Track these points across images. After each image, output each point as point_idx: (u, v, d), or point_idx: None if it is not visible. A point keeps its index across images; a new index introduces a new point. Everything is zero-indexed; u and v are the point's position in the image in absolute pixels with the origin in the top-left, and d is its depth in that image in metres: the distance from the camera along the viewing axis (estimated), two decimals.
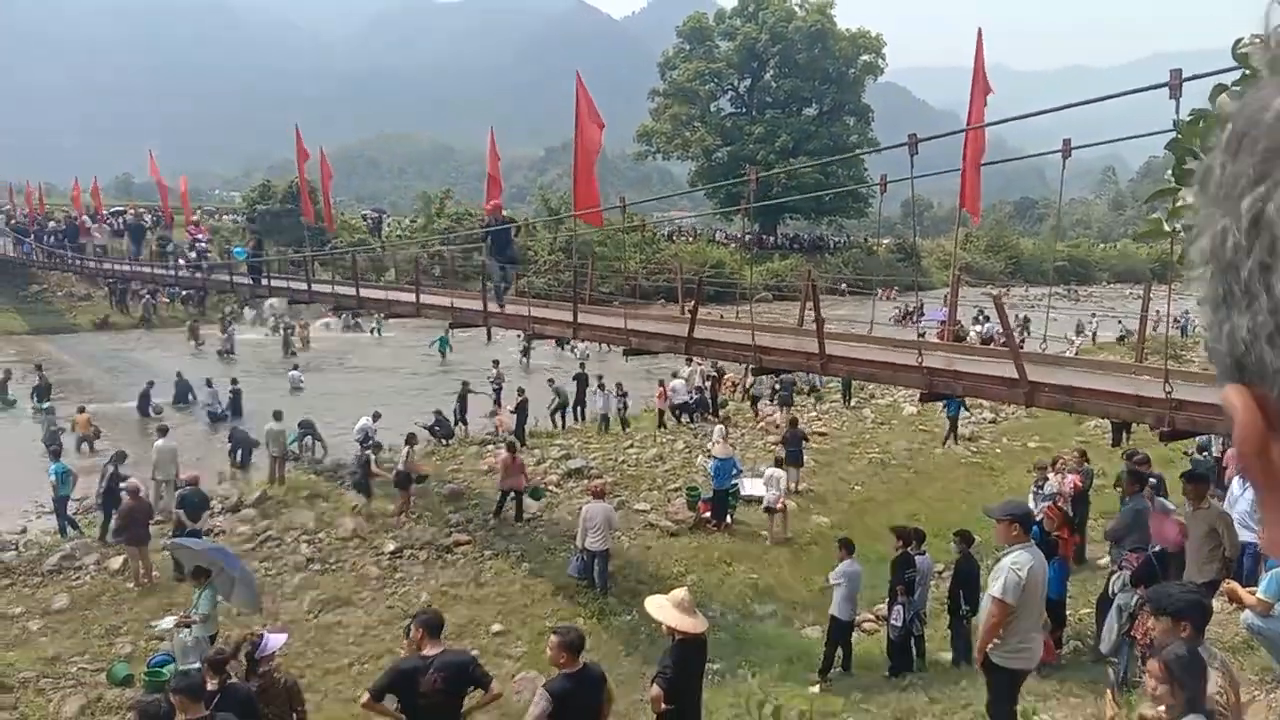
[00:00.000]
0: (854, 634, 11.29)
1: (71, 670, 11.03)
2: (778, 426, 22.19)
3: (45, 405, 24.18)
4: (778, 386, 26.09)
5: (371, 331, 42.83)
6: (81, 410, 22.43)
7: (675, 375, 24.75)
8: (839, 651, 10.68)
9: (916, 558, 10.40)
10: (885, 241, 73.80)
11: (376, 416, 20.73)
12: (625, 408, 23.89)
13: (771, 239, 71.49)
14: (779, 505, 15.48)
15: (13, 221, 46.91)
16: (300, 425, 20.79)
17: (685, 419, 24.35)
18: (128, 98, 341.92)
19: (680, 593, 6.75)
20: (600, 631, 11.90)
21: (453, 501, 17.07)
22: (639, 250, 50.73)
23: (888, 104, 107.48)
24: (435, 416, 21.95)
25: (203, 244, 30.22)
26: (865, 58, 73.12)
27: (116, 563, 13.95)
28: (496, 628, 12.14)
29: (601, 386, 23.83)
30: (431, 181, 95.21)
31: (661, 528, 15.97)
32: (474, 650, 8.85)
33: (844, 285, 45.89)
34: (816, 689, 9.96)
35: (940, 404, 17.85)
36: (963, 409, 22.03)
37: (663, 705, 6.33)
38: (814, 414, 25.34)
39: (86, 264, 40.69)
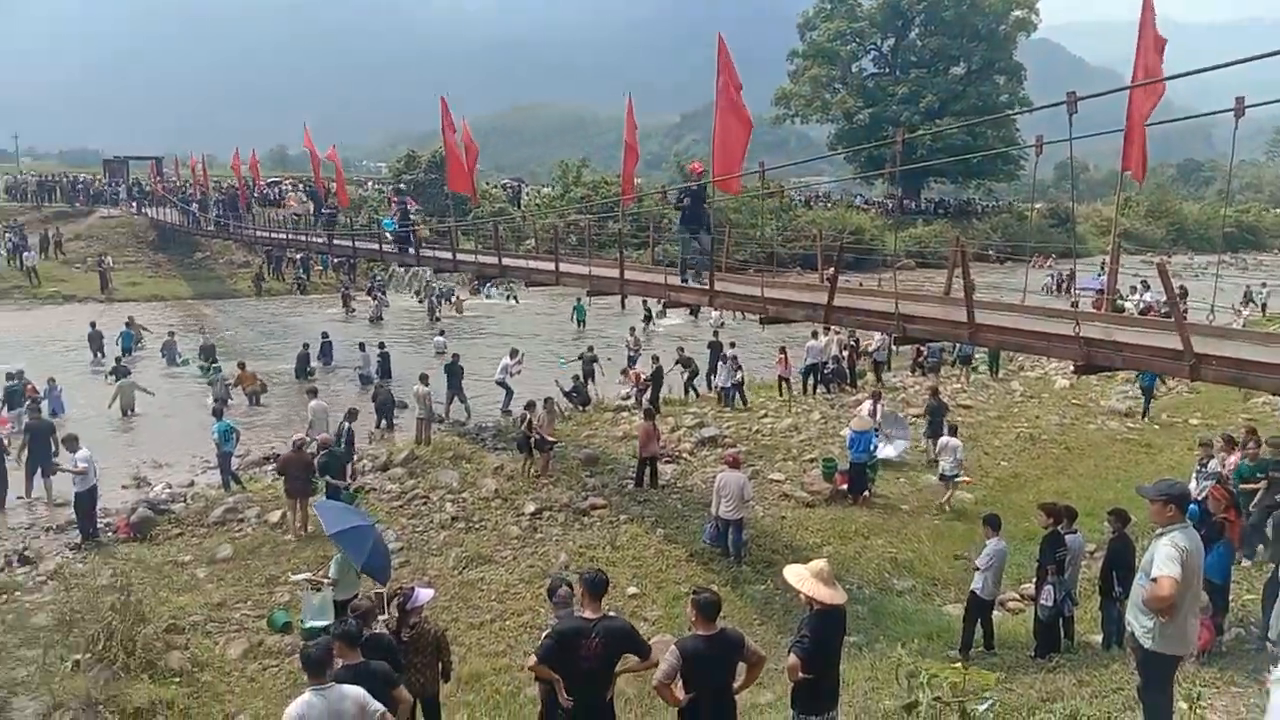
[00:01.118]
0: (996, 612, 10.96)
1: (235, 616, 11.75)
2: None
3: (214, 364, 25.67)
4: (925, 354, 25.42)
5: (507, 299, 43.93)
6: (242, 366, 23.97)
7: (814, 336, 24.26)
8: (980, 630, 10.39)
9: (1067, 536, 9.97)
10: (1038, 206, 70.62)
11: (514, 353, 22.31)
12: (742, 382, 22.84)
13: (914, 204, 69.48)
14: (960, 476, 15.67)
15: (184, 192, 49.77)
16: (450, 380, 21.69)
17: (821, 389, 24.01)
18: (280, 73, 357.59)
19: (820, 563, 6.65)
20: (734, 599, 11.91)
21: (588, 466, 17.34)
22: (775, 217, 50.09)
23: (1040, 61, 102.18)
24: (573, 382, 22.34)
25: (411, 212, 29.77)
26: (1017, 13, 69.76)
27: (275, 516, 14.77)
28: (632, 590, 12.30)
29: (722, 358, 23.20)
30: (568, 150, 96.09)
31: (797, 498, 15.83)
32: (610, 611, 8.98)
33: (993, 252, 44.21)
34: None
35: (1099, 377, 17.02)
36: (1158, 381, 20.82)
37: (799, 674, 6.28)
38: (959, 385, 24.61)
39: (245, 232, 42.92)
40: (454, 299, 40.57)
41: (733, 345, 24.00)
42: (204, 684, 9.99)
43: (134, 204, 51.42)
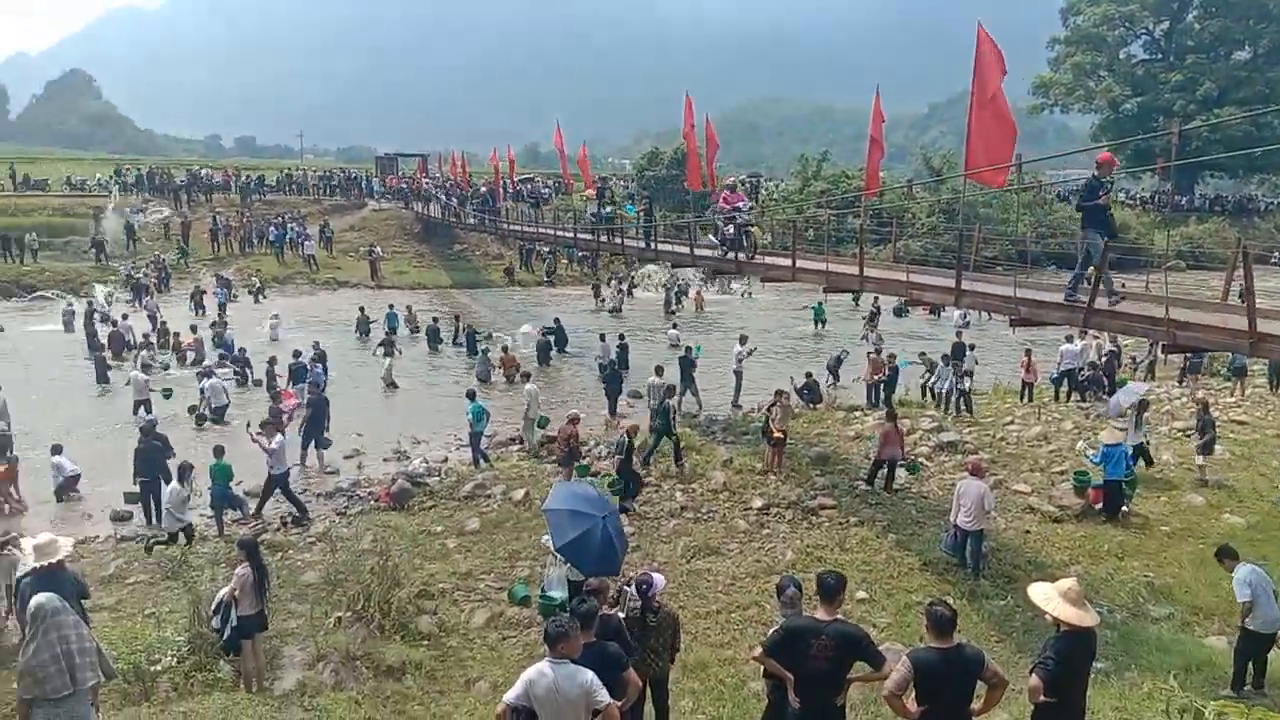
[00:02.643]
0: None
1: (480, 586, 12.46)
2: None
3: (484, 348, 27.55)
4: (1187, 360, 23.43)
5: (742, 295, 44.09)
6: (505, 349, 25.96)
7: (1069, 340, 22.79)
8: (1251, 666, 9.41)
9: None
10: None
11: (744, 340, 22.60)
12: (969, 390, 21.41)
13: (1186, 199, 63.71)
14: None
15: (447, 186, 53.17)
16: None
17: (1075, 396, 22.53)
18: (532, 77, 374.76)
19: (1069, 582, 6.27)
20: (971, 613, 11.40)
21: (819, 464, 17.10)
22: (1028, 212, 47.40)
23: None
24: (806, 379, 22.10)
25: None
26: None
27: (519, 494, 15.55)
28: (861, 595, 12.02)
29: (946, 362, 22.02)
30: (809, 144, 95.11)
31: (1043, 512, 14.92)
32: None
33: (1278, 254, 39.88)
34: None
35: None
36: None
37: (1041, 697, 5.94)
38: (1234, 399, 22.40)
39: (500, 225, 45.34)
40: (695, 294, 41.16)
41: (972, 348, 22.97)
42: (449, 649, 10.65)
43: (402, 199, 55.49)
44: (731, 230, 19.66)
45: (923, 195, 41.20)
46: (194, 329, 29.80)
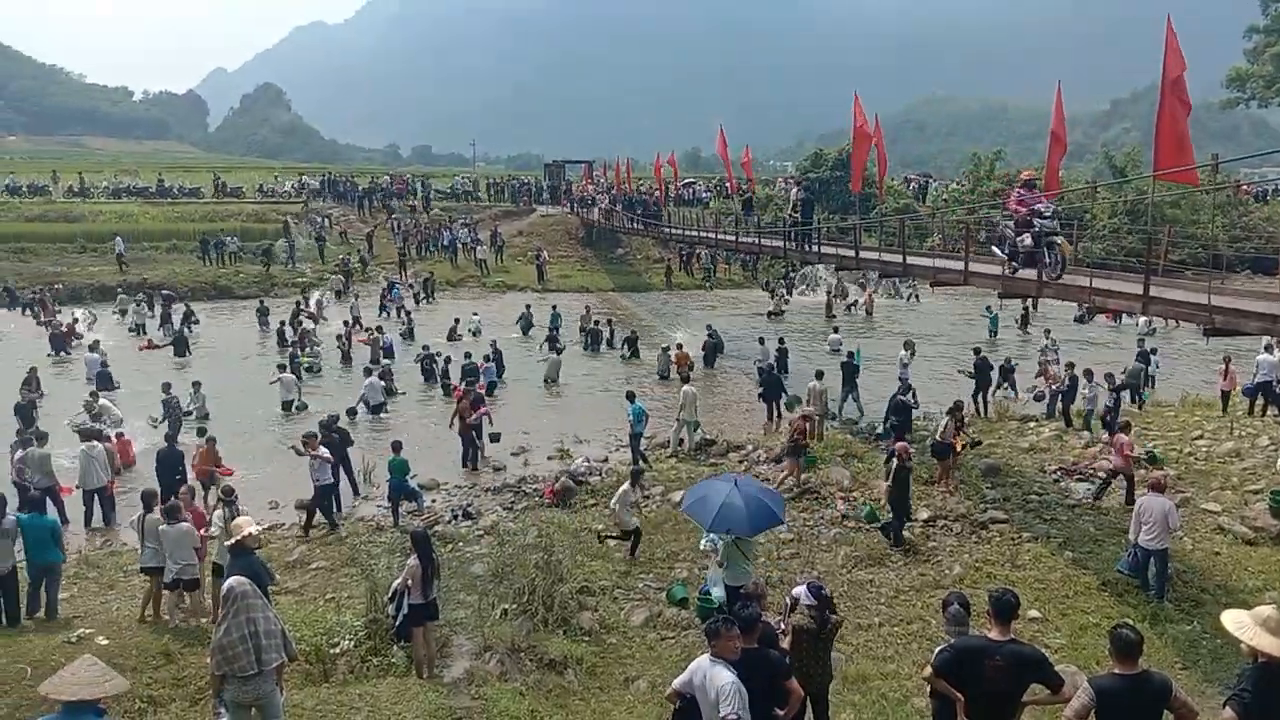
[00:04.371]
0: None
1: (638, 585, 12.60)
2: None
3: (664, 346, 27.97)
4: None
5: (908, 299, 42.97)
6: (680, 347, 26.32)
7: (1268, 349, 21.13)
8: None
9: None
10: None
11: (908, 346, 22.52)
12: (1117, 404, 19.29)
13: None
14: None
15: (610, 192, 54.12)
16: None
17: (1273, 410, 20.85)
18: (696, 84, 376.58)
19: (1268, 610, 5.80)
20: (1153, 638, 10.71)
21: (989, 477, 16.45)
22: (1221, 213, 44.25)
23: None
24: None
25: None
26: None
27: (677, 496, 15.63)
28: (1033, 614, 11.49)
29: (1089, 375, 20.04)
30: (980, 143, 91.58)
31: (1235, 533, 13.87)
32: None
33: None
34: None
35: None
36: None
37: None
38: None
39: (661, 230, 45.77)
40: (866, 297, 40.40)
41: (1154, 352, 21.57)
42: (609, 646, 10.82)
43: (568, 204, 56.80)
44: (1028, 240, 15.01)
45: (1105, 195, 39.05)
46: (379, 329, 31.52)
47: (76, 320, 32.72)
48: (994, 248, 16.99)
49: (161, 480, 15.03)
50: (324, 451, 15.05)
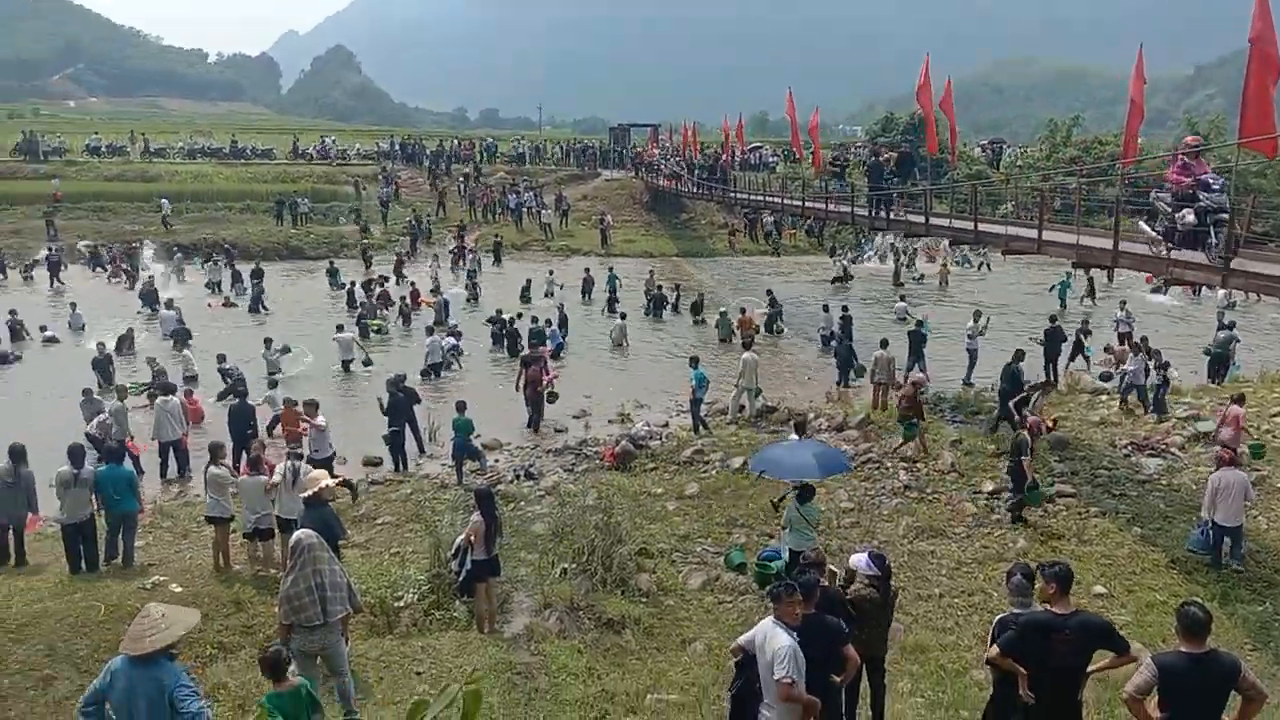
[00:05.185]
0: None
1: (696, 549, 12.66)
2: None
3: (722, 309, 28.07)
4: None
5: (979, 267, 42.08)
6: (743, 311, 26.43)
7: None
8: None
9: None
10: None
11: (978, 316, 21.90)
12: (1165, 383, 18.52)
13: None
14: None
15: (674, 157, 53.75)
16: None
17: None
18: (762, 42, 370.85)
19: None
20: (1222, 618, 10.44)
21: (1057, 450, 16.12)
22: None
23: None
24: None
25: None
26: None
27: (737, 462, 15.62)
28: (1098, 589, 11.29)
29: (1136, 349, 19.15)
30: (1058, 108, 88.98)
31: None
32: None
33: None
34: None
35: None
36: None
37: None
38: None
39: (727, 194, 45.37)
40: (941, 266, 39.58)
41: (1232, 326, 20.82)
42: (666, 608, 10.90)
43: (633, 168, 56.54)
44: (1190, 218, 12.70)
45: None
46: (434, 291, 31.86)
47: (152, 278, 33.60)
48: (1143, 223, 14.60)
49: (233, 432, 15.52)
50: (321, 420, 14.83)
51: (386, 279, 33.98)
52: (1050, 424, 15.84)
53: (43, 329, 26.20)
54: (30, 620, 9.24)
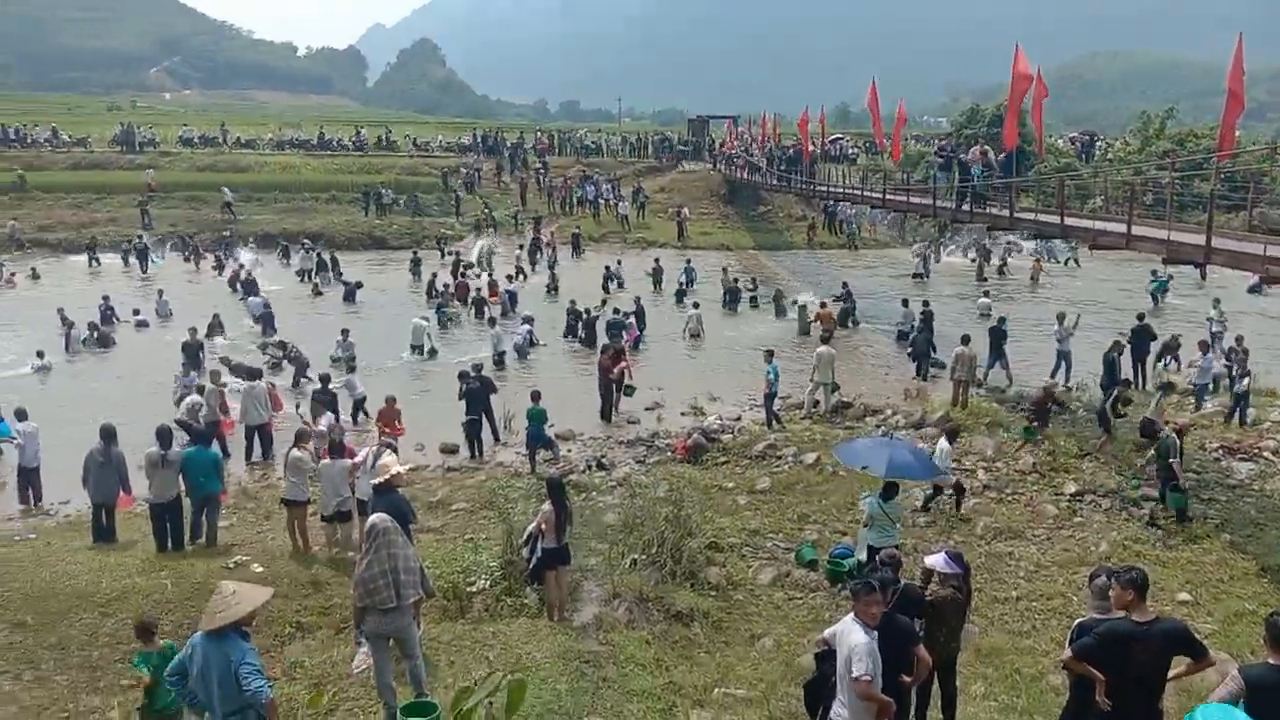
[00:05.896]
0: None
1: (767, 544, 12.59)
2: None
3: (800, 304, 28.26)
4: None
5: (1066, 263, 40.91)
6: (823, 305, 26.28)
7: None
8: None
9: None
10: None
11: (1061, 317, 20.87)
12: (1245, 395, 17.50)
13: None
14: None
15: (752, 149, 53.31)
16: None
17: None
18: (841, 36, 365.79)
19: None
20: None
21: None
22: None
23: None
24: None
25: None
26: None
27: (810, 458, 15.48)
28: (1183, 597, 10.93)
29: (1204, 346, 18.84)
30: (1152, 100, 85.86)
31: None
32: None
33: None
34: None
35: None
36: None
37: None
38: None
39: (805, 187, 44.83)
40: (1035, 263, 38.50)
41: None
42: (735, 602, 10.87)
43: (711, 160, 56.26)
44: None
45: None
46: (508, 277, 32.29)
47: (242, 266, 34.61)
48: None
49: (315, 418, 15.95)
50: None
51: (471, 266, 34.53)
52: (1181, 425, 15.22)
53: (135, 312, 27.35)
54: (119, 595, 9.64)
